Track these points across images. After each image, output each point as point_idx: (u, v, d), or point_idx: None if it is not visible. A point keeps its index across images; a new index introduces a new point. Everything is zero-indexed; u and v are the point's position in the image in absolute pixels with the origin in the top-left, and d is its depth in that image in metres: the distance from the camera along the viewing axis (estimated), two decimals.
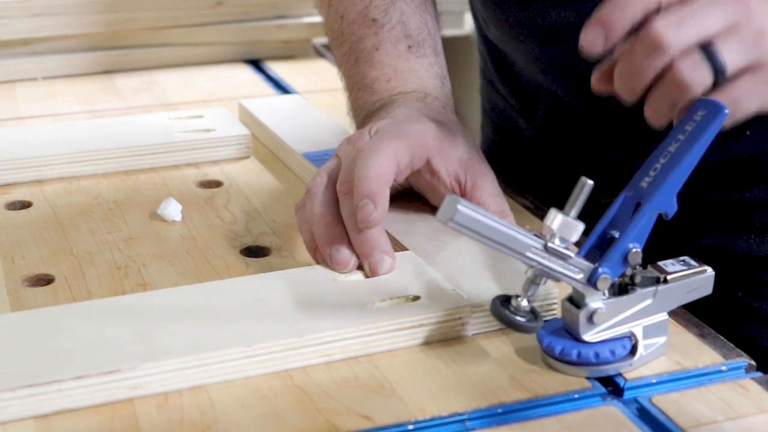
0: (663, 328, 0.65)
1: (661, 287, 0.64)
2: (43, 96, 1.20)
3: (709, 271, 0.66)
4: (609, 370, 0.64)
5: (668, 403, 0.62)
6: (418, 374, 0.64)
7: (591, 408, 0.62)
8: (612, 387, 0.64)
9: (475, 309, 0.68)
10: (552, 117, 0.96)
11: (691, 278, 0.65)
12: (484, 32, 1.03)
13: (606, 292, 0.63)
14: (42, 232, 0.83)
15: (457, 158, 0.76)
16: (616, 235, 0.64)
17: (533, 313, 0.65)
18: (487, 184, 0.76)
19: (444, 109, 0.84)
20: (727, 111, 0.63)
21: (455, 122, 0.82)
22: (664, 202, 0.63)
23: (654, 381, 0.64)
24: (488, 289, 0.69)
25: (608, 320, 0.63)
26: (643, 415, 0.61)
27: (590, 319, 0.63)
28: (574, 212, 0.62)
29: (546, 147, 0.99)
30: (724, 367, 0.65)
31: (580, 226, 0.62)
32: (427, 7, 0.92)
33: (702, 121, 0.63)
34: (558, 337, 0.64)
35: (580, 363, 0.64)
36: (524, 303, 0.64)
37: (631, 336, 0.64)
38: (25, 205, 0.89)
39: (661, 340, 0.65)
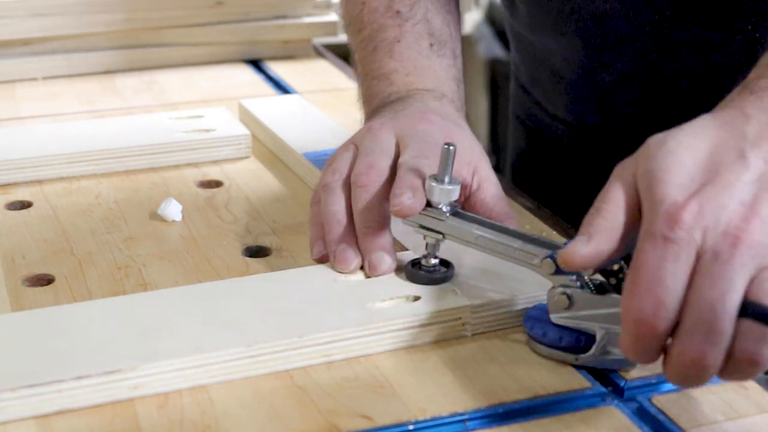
0: None
1: None
2: (43, 96, 1.20)
3: None
4: (567, 357, 0.65)
5: (668, 403, 0.62)
6: (418, 374, 0.64)
7: (591, 408, 0.62)
8: (612, 387, 0.64)
9: (475, 309, 0.68)
10: (593, 116, 0.95)
11: None
12: (517, 30, 1.02)
13: (585, 284, 0.64)
14: (42, 232, 0.83)
15: (466, 161, 0.76)
16: None
17: (444, 264, 0.72)
18: (491, 187, 0.77)
19: (457, 112, 0.85)
20: None
21: (465, 126, 0.83)
22: None
23: (654, 381, 0.64)
24: (488, 290, 0.70)
25: (573, 310, 0.64)
26: (643, 415, 0.61)
27: (554, 300, 0.65)
28: (447, 178, 0.70)
29: (584, 151, 0.98)
30: None
31: (457, 189, 0.71)
32: (450, 8, 0.93)
33: None
34: (543, 323, 0.66)
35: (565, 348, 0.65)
36: (432, 260, 0.71)
37: (592, 335, 0.64)
38: (25, 205, 0.89)
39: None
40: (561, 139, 1.01)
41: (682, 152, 0.57)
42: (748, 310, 0.54)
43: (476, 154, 0.78)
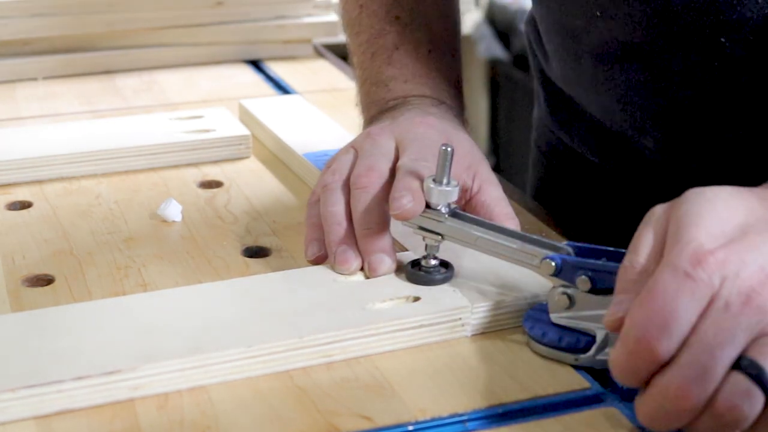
0: None
1: None
2: (43, 96, 1.20)
3: None
4: (567, 357, 0.65)
5: None
6: (418, 375, 0.64)
7: (591, 408, 0.62)
8: (612, 388, 0.64)
9: (475, 310, 0.68)
10: (627, 167, 0.91)
11: None
12: (547, 74, 0.98)
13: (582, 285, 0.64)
14: (42, 232, 0.83)
15: (466, 165, 0.76)
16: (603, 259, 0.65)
17: (443, 265, 0.72)
18: (492, 189, 0.77)
19: (456, 117, 0.85)
20: None
21: (464, 130, 0.83)
22: None
23: None
24: (488, 290, 0.70)
25: (573, 310, 0.65)
26: None
27: (554, 300, 0.65)
28: (445, 180, 0.70)
29: (611, 189, 0.95)
30: None
31: (455, 190, 0.70)
32: (450, 11, 0.92)
33: None
34: (543, 323, 0.66)
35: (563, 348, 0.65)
36: (432, 261, 0.71)
37: (591, 336, 0.64)
38: (25, 205, 0.89)
39: None
40: (587, 178, 0.97)
41: (719, 204, 0.58)
42: (742, 363, 0.55)
43: (476, 157, 0.78)
